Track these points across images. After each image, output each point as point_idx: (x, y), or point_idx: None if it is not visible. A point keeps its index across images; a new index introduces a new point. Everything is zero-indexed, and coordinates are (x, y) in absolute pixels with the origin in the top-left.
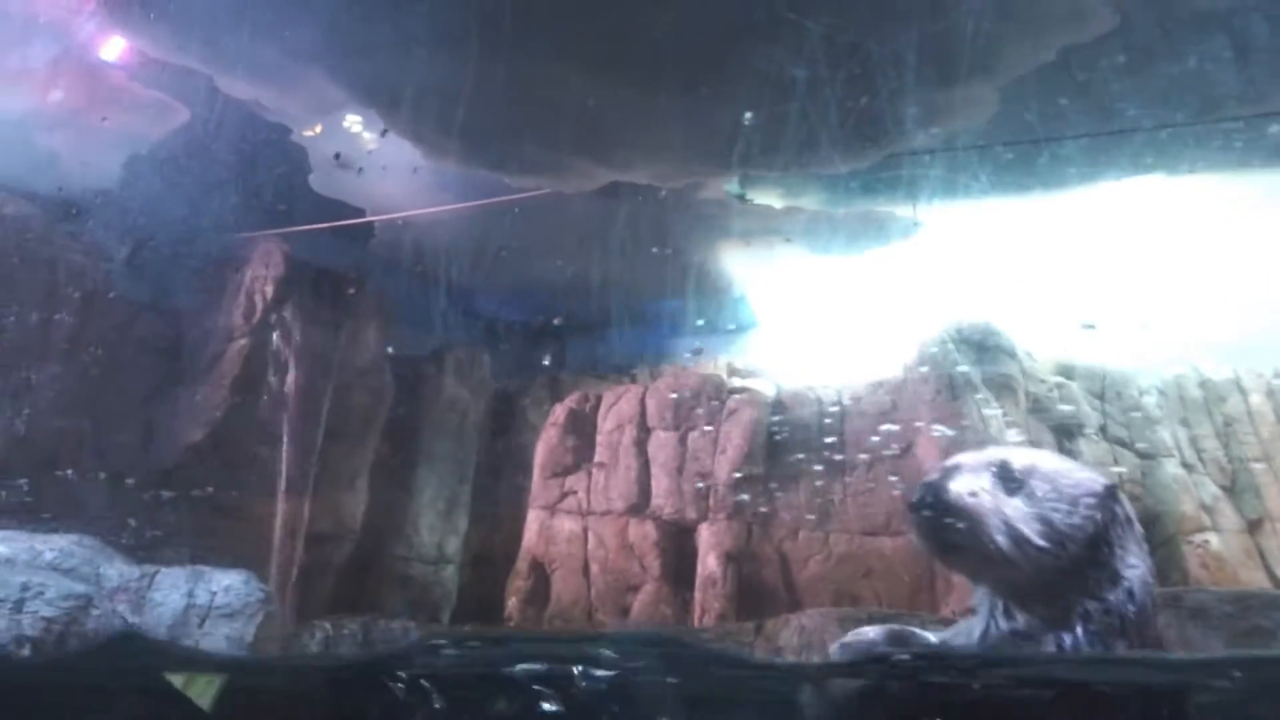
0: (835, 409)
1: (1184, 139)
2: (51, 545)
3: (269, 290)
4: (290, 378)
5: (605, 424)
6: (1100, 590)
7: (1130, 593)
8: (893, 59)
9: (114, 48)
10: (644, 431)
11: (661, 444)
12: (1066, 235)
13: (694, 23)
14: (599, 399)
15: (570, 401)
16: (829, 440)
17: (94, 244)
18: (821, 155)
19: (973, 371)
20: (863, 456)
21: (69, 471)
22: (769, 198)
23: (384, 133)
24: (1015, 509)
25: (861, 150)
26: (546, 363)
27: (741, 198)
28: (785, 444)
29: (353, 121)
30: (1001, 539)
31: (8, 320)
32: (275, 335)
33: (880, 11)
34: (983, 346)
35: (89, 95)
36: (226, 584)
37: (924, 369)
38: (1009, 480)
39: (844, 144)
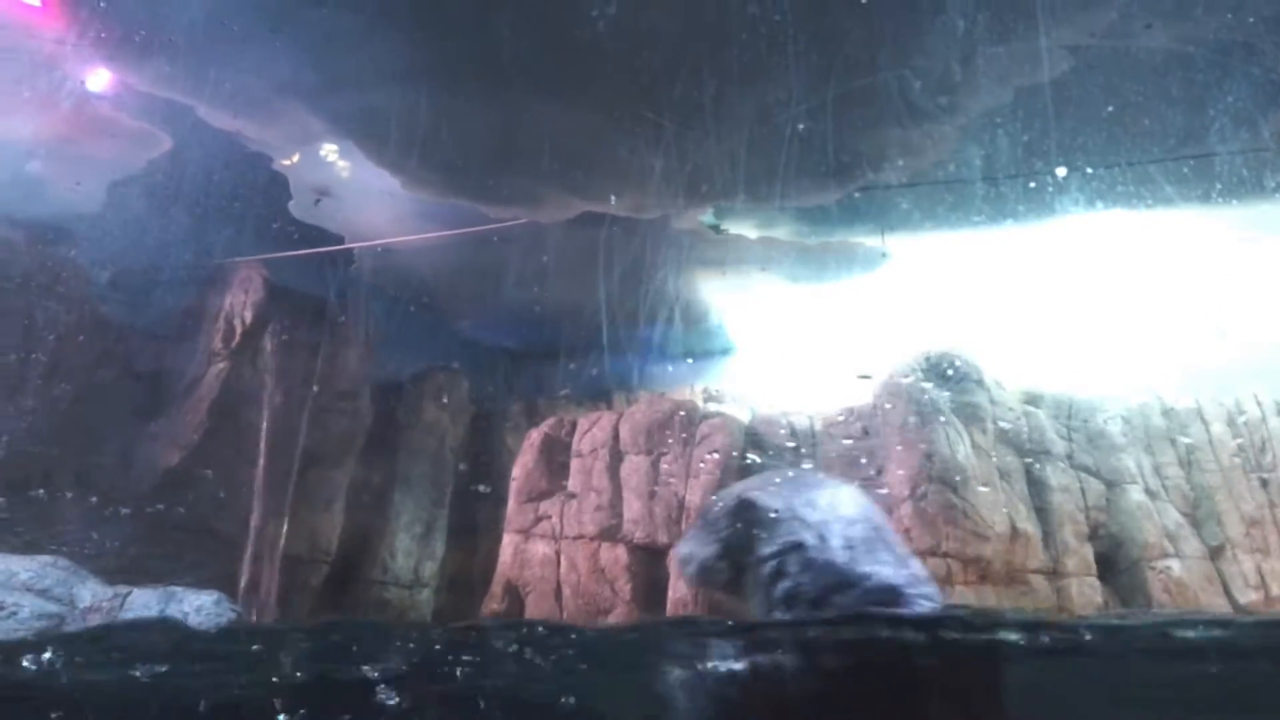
0: (807, 434)
1: (1145, 175)
2: (26, 566)
3: (248, 315)
4: (268, 402)
5: (579, 449)
6: (775, 556)
7: (822, 536)
8: (861, 97)
9: (100, 78)
10: (617, 456)
11: (634, 469)
12: (1033, 267)
13: (668, 58)
14: (574, 424)
15: (545, 427)
16: (801, 465)
17: (77, 269)
18: (793, 188)
19: (941, 399)
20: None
21: (41, 492)
22: (743, 228)
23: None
24: (699, 545)
25: (832, 184)
26: (524, 388)
27: (716, 228)
28: (757, 469)
29: (329, 151)
30: (693, 573)
31: None
32: (253, 360)
33: (849, 52)
34: (951, 375)
35: (74, 124)
36: (198, 604)
37: (893, 396)
38: (707, 524)
39: (815, 178)
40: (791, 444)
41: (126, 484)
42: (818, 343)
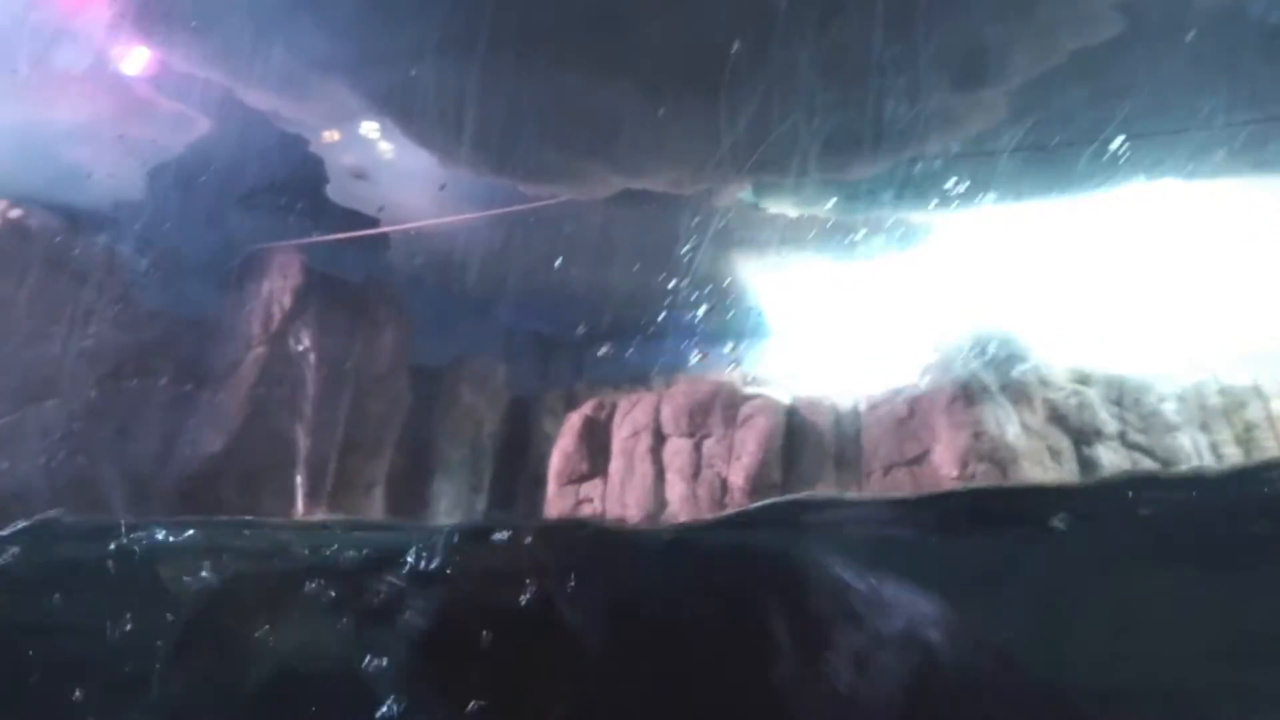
0: (851, 416)
1: (1200, 143)
2: None
3: (286, 300)
4: (307, 387)
5: (620, 431)
6: None
7: None
8: (906, 64)
9: (137, 60)
10: (659, 439)
11: (676, 451)
12: (1083, 241)
13: (709, 29)
14: (614, 407)
15: (586, 409)
16: (845, 447)
17: (117, 254)
18: (835, 161)
19: (989, 379)
20: (879, 463)
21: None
22: (783, 205)
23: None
24: None
25: (874, 156)
26: (560, 372)
27: (756, 206)
28: (801, 451)
29: (367, 129)
30: None
31: (32, 330)
32: (292, 344)
33: (893, 17)
34: (999, 354)
35: (113, 108)
36: None
37: (940, 376)
38: None
39: (858, 150)
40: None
41: (169, 468)
42: (860, 322)
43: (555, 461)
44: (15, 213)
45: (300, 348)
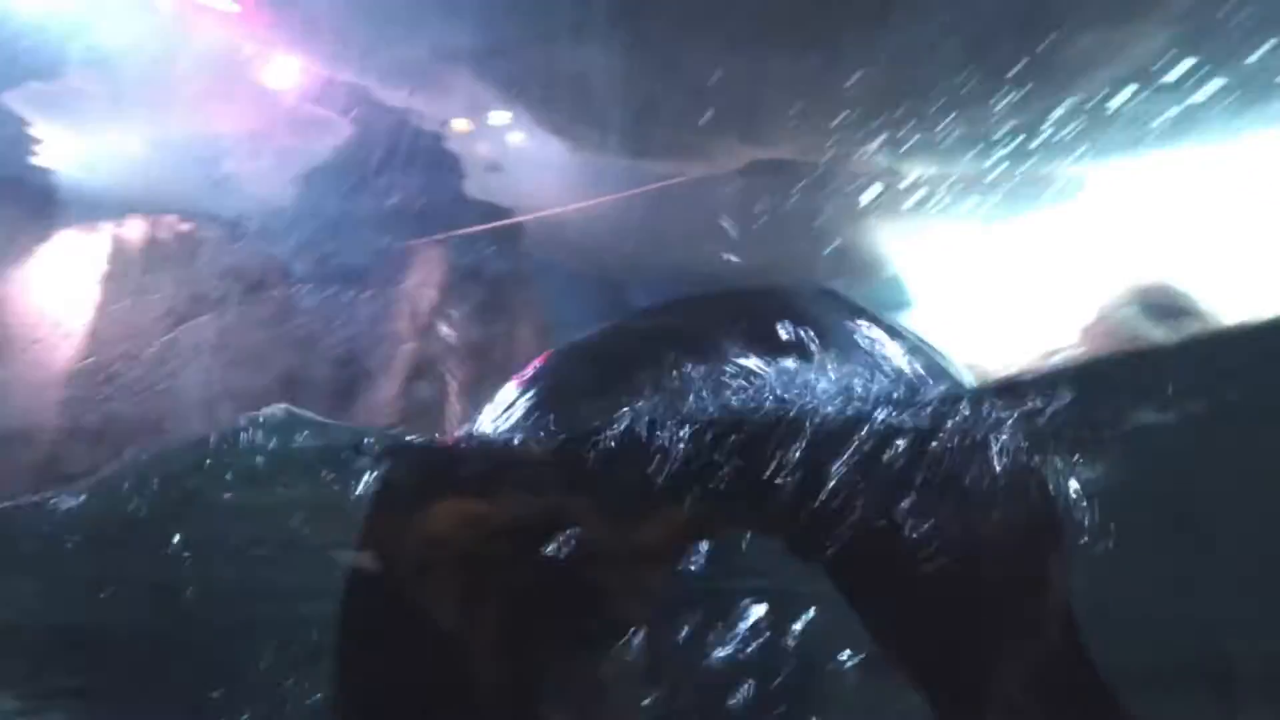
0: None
1: None
2: None
3: (432, 295)
4: (456, 378)
5: None
6: None
7: None
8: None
9: (282, 69)
10: None
11: None
12: (1255, 184)
13: None
14: None
15: None
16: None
17: (272, 259)
18: (976, 114)
19: (1156, 336)
20: None
21: None
22: (922, 166)
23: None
24: None
25: (1019, 104)
26: None
27: (893, 168)
28: None
29: (500, 119)
30: None
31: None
32: (439, 338)
33: None
34: (1167, 309)
35: (260, 117)
36: None
37: (1103, 336)
38: None
39: (998, 98)
40: None
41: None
42: (1012, 284)
43: None
44: (185, 226)
45: (447, 341)
